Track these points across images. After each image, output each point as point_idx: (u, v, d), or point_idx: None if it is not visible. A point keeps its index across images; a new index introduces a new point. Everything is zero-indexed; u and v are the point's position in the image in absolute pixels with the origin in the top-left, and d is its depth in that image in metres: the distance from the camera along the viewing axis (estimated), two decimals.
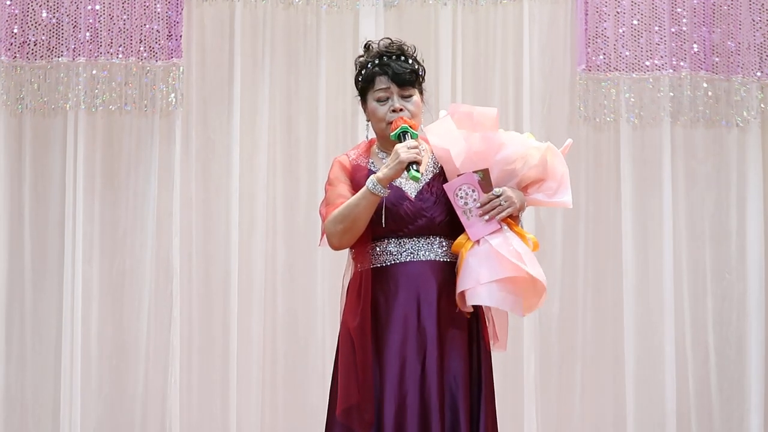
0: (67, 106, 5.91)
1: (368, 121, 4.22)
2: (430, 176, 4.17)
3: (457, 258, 4.11)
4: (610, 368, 6.07)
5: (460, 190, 4.09)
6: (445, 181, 4.14)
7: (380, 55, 4.19)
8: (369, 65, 4.19)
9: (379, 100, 4.16)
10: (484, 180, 4.09)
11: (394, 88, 4.15)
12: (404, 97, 4.16)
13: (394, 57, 4.18)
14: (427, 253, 4.12)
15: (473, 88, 6.09)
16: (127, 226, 5.98)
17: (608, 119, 6.05)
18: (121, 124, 5.99)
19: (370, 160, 4.20)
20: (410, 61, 4.20)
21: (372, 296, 4.10)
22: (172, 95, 5.92)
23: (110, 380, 5.93)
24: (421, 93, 4.20)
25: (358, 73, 4.23)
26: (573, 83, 6.06)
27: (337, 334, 4.18)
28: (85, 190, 5.92)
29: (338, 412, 4.07)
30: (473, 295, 4.03)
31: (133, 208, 5.99)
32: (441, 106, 5.98)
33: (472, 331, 4.14)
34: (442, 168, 4.17)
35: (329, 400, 4.18)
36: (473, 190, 4.08)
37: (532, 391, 5.99)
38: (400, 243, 4.12)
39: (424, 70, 4.24)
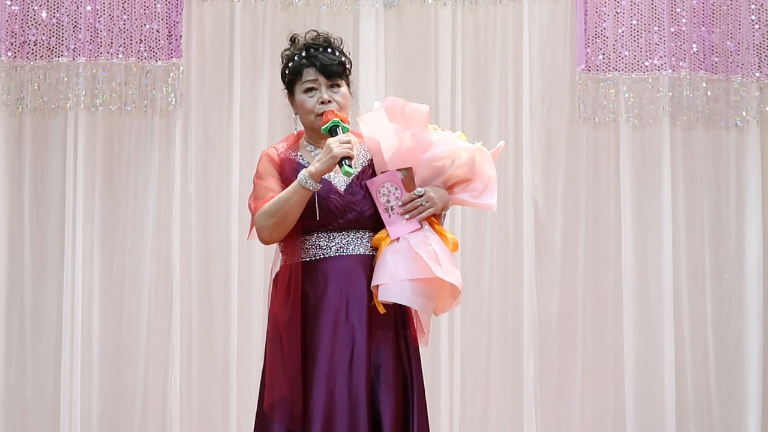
0: (67, 106, 5.91)
1: (296, 114, 4.22)
2: (359, 169, 4.17)
3: None
4: (610, 368, 6.08)
5: (383, 187, 4.11)
6: (374, 174, 4.15)
7: (307, 47, 4.19)
8: (296, 58, 4.19)
9: (307, 92, 4.16)
10: (407, 178, 4.12)
11: (322, 80, 4.16)
12: (332, 89, 4.16)
13: (320, 49, 4.18)
14: (356, 247, 4.13)
15: (473, 88, 6.10)
16: (127, 226, 5.98)
17: (608, 119, 6.06)
18: (121, 124, 5.99)
19: (299, 153, 4.20)
20: (337, 53, 4.20)
21: (301, 290, 4.10)
22: (172, 95, 5.92)
23: (110, 380, 5.92)
24: (348, 85, 4.21)
25: (285, 66, 4.22)
26: (573, 83, 6.07)
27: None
28: (85, 190, 5.92)
29: (265, 405, 4.07)
30: (385, 292, 4.05)
31: (133, 208, 5.99)
32: (441, 106, 6.01)
33: (398, 327, 4.15)
34: (371, 161, 4.18)
35: (259, 394, 4.17)
36: (396, 188, 4.10)
37: (532, 391, 5.99)
38: (329, 237, 4.12)
39: (350, 62, 4.24)
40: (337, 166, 4.03)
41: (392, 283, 4.03)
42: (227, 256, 5.95)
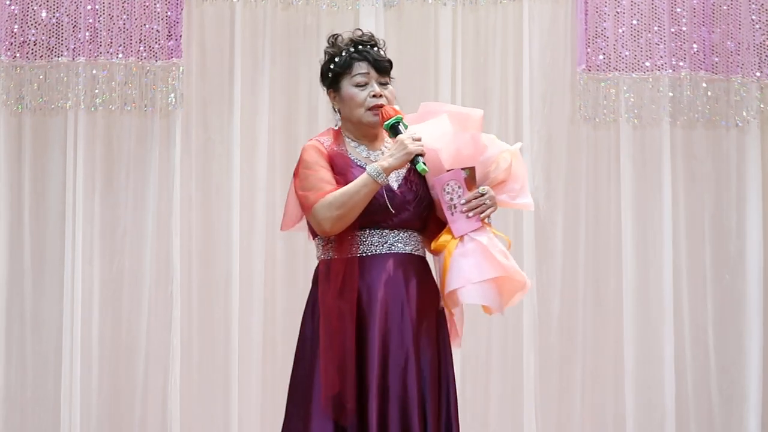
0: (67, 105, 5.90)
1: (336, 109, 4.21)
2: (406, 169, 4.16)
3: (424, 254, 4.16)
4: (610, 368, 6.08)
5: (447, 185, 4.11)
6: (418, 176, 4.13)
7: (355, 43, 4.18)
8: (344, 53, 4.17)
9: (358, 86, 4.15)
10: (470, 178, 4.13)
11: (373, 74, 4.15)
12: (382, 85, 4.16)
13: (368, 46, 4.18)
14: (405, 245, 4.12)
15: (473, 88, 6.10)
16: (127, 226, 5.97)
17: (608, 119, 6.06)
18: (121, 124, 5.99)
19: (345, 149, 4.17)
20: (383, 52, 4.21)
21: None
22: (172, 95, 5.91)
23: (110, 380, 5.92)
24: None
25: (330, 61, 4.20)
26: (573, 83, 6.07)
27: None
28: (85, 190, 5.92)
29: (323, 399, 4.03)
30: (465, 294, 4.06)
31: (133, 208, 5.98)
32: None
33: (439, 329, 4.16)
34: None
35: (292, 390, 4.17)
36: (459, 187, 4.11)
37: (532, 391, 5.99)
38: (382, 234, 4.11)
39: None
40: (410, 163, 4.04)
41: (469, 285, 4.05)
42: (227, 256, 5.95)
